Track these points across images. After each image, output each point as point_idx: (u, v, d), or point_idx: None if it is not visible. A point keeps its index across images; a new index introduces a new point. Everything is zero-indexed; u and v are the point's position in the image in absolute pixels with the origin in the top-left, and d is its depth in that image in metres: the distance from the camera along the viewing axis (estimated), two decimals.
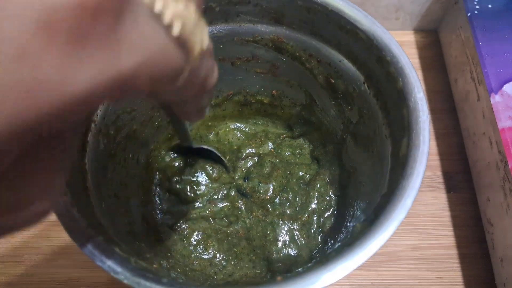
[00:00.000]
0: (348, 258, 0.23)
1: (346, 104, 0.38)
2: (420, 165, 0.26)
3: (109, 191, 0.34)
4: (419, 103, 0.28)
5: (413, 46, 0.59)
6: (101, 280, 0.44)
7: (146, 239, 0.38)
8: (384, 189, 0.29)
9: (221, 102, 0.46)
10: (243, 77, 0.43)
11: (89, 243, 0.23)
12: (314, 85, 0.40)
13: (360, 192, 0.36)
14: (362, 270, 0.45)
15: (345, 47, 0.35)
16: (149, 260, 0.29)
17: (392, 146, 0.31)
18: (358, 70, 0.35)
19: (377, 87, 0.33)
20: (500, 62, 0.45)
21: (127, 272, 0.23)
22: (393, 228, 0.24)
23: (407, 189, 0.25)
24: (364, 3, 0.56)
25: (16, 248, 0.46)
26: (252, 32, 0.38)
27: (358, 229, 0.28)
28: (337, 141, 0.42)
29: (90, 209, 0.28)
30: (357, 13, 0.32)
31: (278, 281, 0.23)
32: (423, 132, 0.27)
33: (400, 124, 0.29)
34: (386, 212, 0.25)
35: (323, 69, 0.38)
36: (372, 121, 0.34)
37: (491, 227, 0.44)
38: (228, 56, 0.41)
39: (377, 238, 0.24)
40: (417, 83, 0.29)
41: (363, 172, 0.37)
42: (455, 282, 0.44)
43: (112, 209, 0.33)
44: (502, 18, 0.48)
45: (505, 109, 0.42)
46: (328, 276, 0.23)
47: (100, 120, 0.34)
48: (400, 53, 0.30)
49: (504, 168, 0.41)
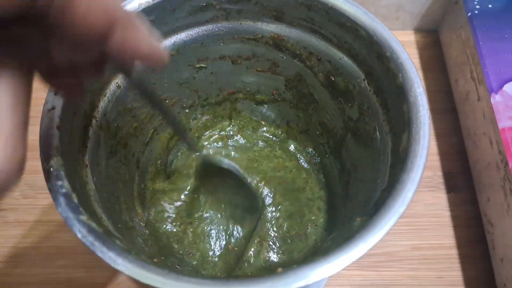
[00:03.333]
0: (348, 251, 0.23)
1: (346, 102, 0.38)
2: (420, 159, 0.26)
3: (109, 187, 0.34)
4: (419, 97, 0.28)
5: (413, 46, 0.60)
6: (101, 280, 0.44)
7: (146, 235, 0.38)
8: (384, 184, 0.29)
9: (221, 101, 0.46)
10: (243, 76, 0.43)
11: (90, 234, 0.23)
12: (314, 83, 0.40)
13: (360, 189, 0.36)
14: (362, 270, 0.45)
15: (345, 44, 0.35)
16: (148, 254, 0.29)
17: (392, 142, 0.31)
18: (358, 67, 0.35)
19: (377, 83, 0.33)
20: (501, 62, 0.45)
21: (128, 263, 0.22)
22: (393, 221, 0.24)
23: (407, 183, 0.25)
24: (364, 2, 0.56)
25: (16, 248, 0.46)
26: (253, 30, 0.38)
27: (358, 222, 0.28)
28: (338, 139, 0.42)
29: (90, 203, 0.28)
30: (357, 10, 0.32)
31: (278, 273, 0.22)
32: (423, 126, 0.27)
33: (400, 119, 0.29)
34: (386, 206, 0.25)
35: (323, 66, 0.38)
36: (372, 118, 0.34)
37: (491, 227, 0.44)
38: (229, 54, 0.41)
39: (377, 231, 0.24)
40: (416, 78, 0.29)
41: (363, 170, 0.37)
42: (455, 282, 0.44)
43: (112, 205, 0.33)
44: (502, 18, 0.48)
45: (506, 109, 0.42)
46: (328, 267, 0.23)
47: (101, 116, 0.34)
48: (400, 50, 0.30)
49: (504, 168, 0.41)
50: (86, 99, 0.32)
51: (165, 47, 0.37)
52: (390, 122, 0.32)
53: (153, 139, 0.43)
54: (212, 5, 0.36)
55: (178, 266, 0.34)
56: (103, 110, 0.34)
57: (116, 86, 0.35)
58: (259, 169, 0.46)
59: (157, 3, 0.33)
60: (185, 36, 0.37)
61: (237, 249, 0.41)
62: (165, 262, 0.32)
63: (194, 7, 0.35)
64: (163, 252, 0.37)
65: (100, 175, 0.32)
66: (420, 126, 0.27)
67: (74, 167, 0.29)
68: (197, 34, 0.38)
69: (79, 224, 0.23)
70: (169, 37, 0.37)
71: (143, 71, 0.24)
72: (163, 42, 0.37)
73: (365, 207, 0.30)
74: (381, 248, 0.46)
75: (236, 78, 0.44)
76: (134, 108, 0.38)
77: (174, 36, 0.37)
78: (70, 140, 0.29)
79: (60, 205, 0.24)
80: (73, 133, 0.29)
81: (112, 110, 0.35)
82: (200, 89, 0.44)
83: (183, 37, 0.37)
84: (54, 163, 0.25)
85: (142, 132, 0.41)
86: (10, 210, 0.49)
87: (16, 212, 0.48)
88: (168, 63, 0.23)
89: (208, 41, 0.38)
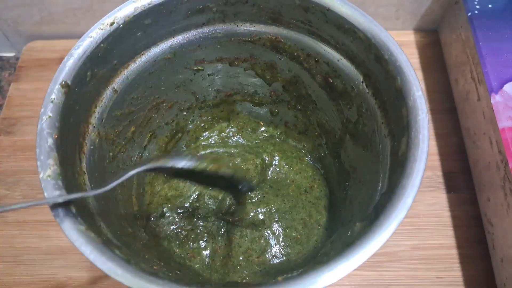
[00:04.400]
0: (349, 258, 0.23)
1: (345, 104, 0.38)
2: (420, 163, 0.26)
3: (107, 193, 0.34)
4: (418, 101, 0.28)
5: (413, 46, 0.59)
6: (101, 280, 0.44)
7: (145, 241, 0.38)
8: (384, 188, 0.29)
9: (219, 103, 0.46)
10: (241, 77, 0.43)
11: (89, 245, 0.23)
12: (312, 85, 0.40)
13: (359, 191, 0.36)
14: (362, 270, 0.45)
15: (343, 46, 0.35)
16: (148, 261, 0.29)
17: (392, 145, 0.31)
18: (357, 69, 0.34)
19: (376, 86, 0.33)
20: (501, 62, 0.45)
21: (128, 274, 0.22)
22: (393, 227, 0.24)
23: (407, 188, 0.25)
24: (364, 3, 0.56)
25: (16, 248, 0.46)
26: (250, 32, 0.38)
27: (358, 228, 0.28)
28: (336, 140, 0.42)
29: (89, 212, 0.28)
30: (354, 12, 0.32)
31: (279, 282, 0.22)
32: (423, 130, 0.27)
33: (399, 122, 0.29)
34: (386, 211, 0.25)
35: (321, 68, 0.38)
36: (371, 120, 0.34)
37: (491, 227, 0.43)
38: (226, 56, 0.41)
39: (378, 237, 0.24)
40: (415, 81, 0.29)
41: (363, 172, 0.37)
42: (455, 282, 0.44)
43: (110, 212, 0.33)
44: (502, 18, 0.48)
45: (505, 109, 0.42)
46: (329, 276, 0.23)
47: (98, 122, 0.34)
48: (398, 52, 0.30)
49: (504, 168, 0.41)
50: (83, 105, 0.32)
51: (163, 50, 0.37)
52: (389, 124, 0.32)
53: (151, 142, 0.43)
54: (209, 8, 0.35)
55: (178, 272, 0.34)
56: (100, 116, 0.34)
57: (112, 90, 0.35)
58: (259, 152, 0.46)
59: (153, 7, 0.33)
60: (182, 38, 0.37)
61: (233, 251, 0.41)
62: (165, 268, 0.32)
63: (190, 10, 0.35)
64: (163, 257, 0.37)
65: (98, 181, 0.32)
66: (419, 130, 0.27)
67: (72, 175, 0.29)
68: (194, 36, 0.38)
69: (78, 235, 0.23)
70: (166, 40, 0.37)
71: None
72: (160, 45, 0.37)
73: (365, 211, 0.30)
74: (381, 248, 0.46)
75: (233, 80, 0.44)
76: (131, 112, 0.38)
77: (171, 39, 0.37)
78: (67, 147, 0.29)
79: (58, 216, 0.24)
80: (70, 141, 0.29)
81: (108, 115, 0.35)
82: (198, 91, 0.44)
83: (180, 40, 0.37)
84: (51, 173, 0.25)
85: (139, 136, 0.41)
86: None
87: (16, 212, 0.48)
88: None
89: (205, 43, 0.38)
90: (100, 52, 0.31)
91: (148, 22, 0.34)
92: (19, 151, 0.53)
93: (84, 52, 0.30)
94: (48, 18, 0.58)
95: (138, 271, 0.23)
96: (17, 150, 0.53)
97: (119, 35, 0.32)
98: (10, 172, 0.51)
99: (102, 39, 0.31)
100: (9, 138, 0.54)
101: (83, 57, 0.30)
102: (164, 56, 0.37)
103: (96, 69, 0.32)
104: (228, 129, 0.48)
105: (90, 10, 0.56)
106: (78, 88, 0.30)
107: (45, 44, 0.61)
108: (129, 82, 0.36)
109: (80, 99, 0.31)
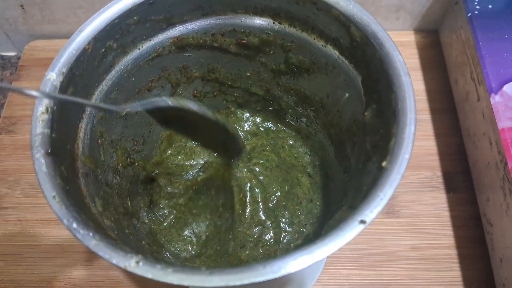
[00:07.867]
0: (346, 230, 0.23)
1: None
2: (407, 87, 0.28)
3: (106, 194, 0.34)
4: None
5: (413, 46, 0.59)
6: (101, 279, 0.45)
7: (147, 235, 0.39)
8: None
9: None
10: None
11: (94, 239, 0.23)
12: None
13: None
14: (361, 269, 0.45)
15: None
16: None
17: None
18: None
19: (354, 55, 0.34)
20: (500, 62, 0.45)
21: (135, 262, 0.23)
22: (393, 188, 0.25)
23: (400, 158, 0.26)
24: (364, 3, 0.56)
25: (17, 247, 0.47)
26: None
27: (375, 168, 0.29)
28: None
29: (88, 210, 0.28)
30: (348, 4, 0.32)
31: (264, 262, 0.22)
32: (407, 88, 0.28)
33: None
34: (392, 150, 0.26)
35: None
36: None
37: (490, 227, 0.44)
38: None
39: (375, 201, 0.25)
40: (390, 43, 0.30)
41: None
42: (455, 282, 0.44)
43: (111, 211, 0.33)
44: (502, 18, 0.48)
45: (505, 109, 0.42)
46: (321, 251, 0.23)
47: (89, 121, 0.34)
48: (371, 21, 0.31)
49: (504, 168, 0.41)
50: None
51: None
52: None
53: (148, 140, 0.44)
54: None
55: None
56: (97, 121, 0.34)
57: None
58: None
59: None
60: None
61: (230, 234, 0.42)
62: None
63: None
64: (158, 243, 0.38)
65: (94, 180, 0.32)
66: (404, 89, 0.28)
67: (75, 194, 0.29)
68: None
69: (85, 233, 0.24)
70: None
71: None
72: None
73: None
74: (380, 248, 0.46)
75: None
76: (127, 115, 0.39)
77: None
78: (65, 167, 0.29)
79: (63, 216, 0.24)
80: (66, 162, 0.30)
81: (104, 118, 0.35)
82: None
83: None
84: (57, 195, 0.25)
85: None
86: (11, 208, 0.49)
87: (17, 211, 0.49)
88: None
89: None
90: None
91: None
92: (20, 150, 0.53)
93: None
94: (50, 17, 0.58)
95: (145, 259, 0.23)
96: (18, 149, 0.53)
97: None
98: (11, 171, 0.51)
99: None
100: (10, 137, 0.54)
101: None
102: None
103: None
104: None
105: (92, 10, 0.56)
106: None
107: (46, 43, 0.61)
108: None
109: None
